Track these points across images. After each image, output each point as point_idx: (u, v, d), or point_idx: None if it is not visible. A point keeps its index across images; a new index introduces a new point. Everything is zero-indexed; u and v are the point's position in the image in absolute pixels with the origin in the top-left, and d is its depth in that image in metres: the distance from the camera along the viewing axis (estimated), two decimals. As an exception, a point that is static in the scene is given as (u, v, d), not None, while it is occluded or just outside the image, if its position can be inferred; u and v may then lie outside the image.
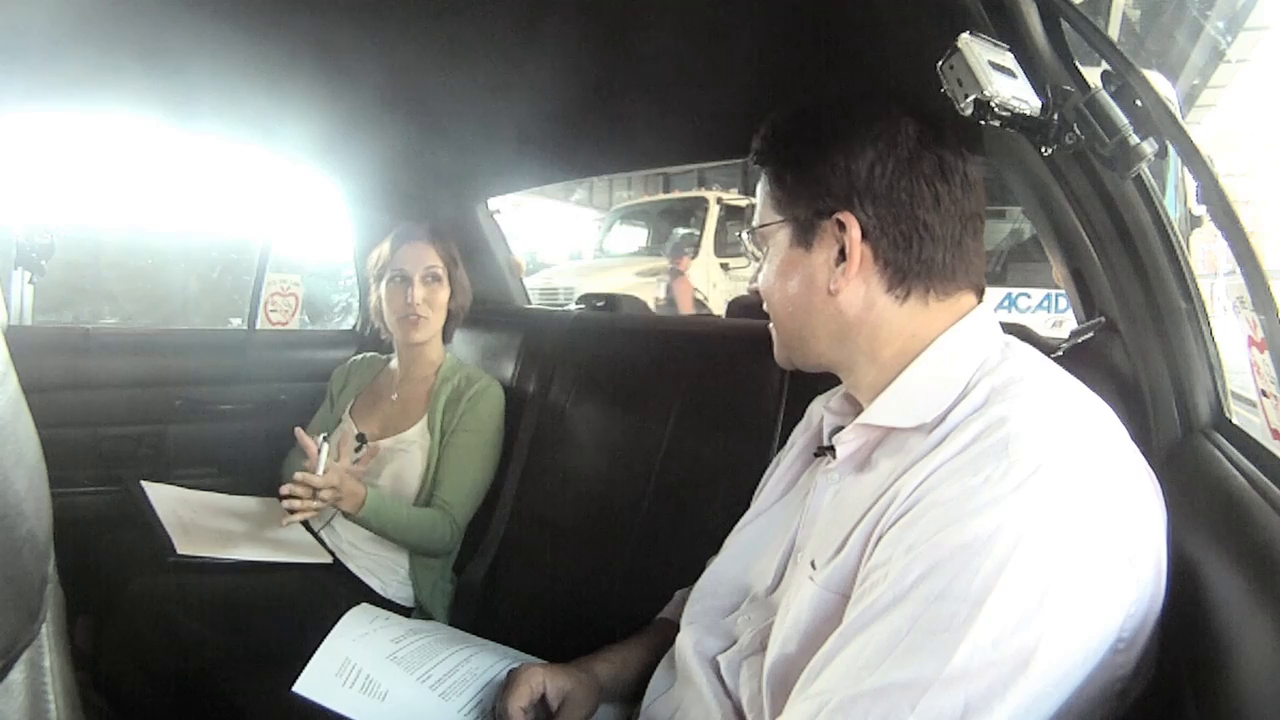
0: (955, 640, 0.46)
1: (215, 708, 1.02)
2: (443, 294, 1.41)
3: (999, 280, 4.40)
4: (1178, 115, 0.59)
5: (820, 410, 0.73)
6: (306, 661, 0.81)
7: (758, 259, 0.70)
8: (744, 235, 0.72)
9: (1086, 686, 0.48)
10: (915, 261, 0.61)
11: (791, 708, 0.51)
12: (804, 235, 0.64)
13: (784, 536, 0.70)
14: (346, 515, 1.23)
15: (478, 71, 1.24)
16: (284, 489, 1.16)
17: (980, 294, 0.65)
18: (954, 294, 0.63)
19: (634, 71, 1.20)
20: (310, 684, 0.78)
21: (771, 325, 0.70)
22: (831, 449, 0.66)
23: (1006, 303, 4.28)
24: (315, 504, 1.17)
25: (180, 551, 1.17)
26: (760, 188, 0.69)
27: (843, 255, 0.62)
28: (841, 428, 0.66)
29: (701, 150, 1.78)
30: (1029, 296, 4.21)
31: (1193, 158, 0.58)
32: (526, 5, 1.01)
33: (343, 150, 1.77)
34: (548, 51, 1.15)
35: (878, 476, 0.60)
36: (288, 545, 1.31)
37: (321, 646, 0.82)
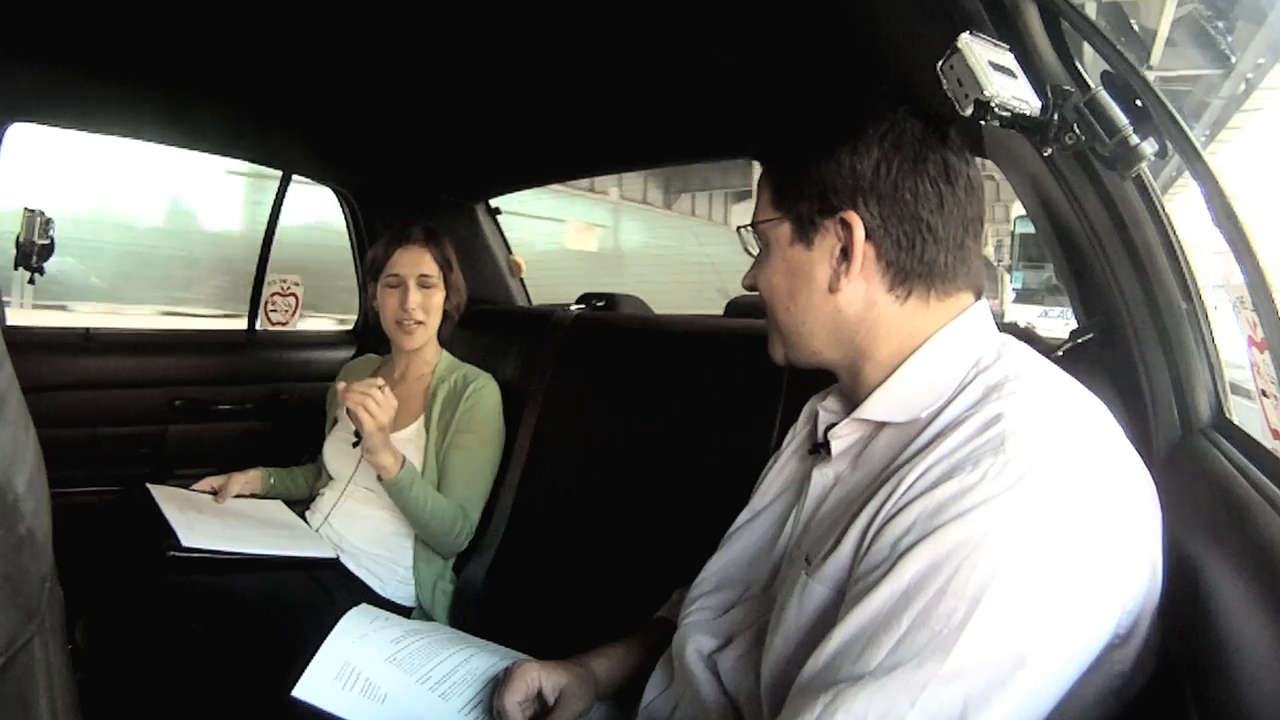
0: (953, 637, 0.46)
1: (215, 708, 1.02)
2: (437, 297, 1.41)
3: (1040, 302, 7.78)
4: (1177, 115, 0.59)
5: (815, 408, 0.73)
6: (306, 661, 0.80)
7: (753, 255, 0.70)
8: (741, 230, 0.71)
9: (1084, 682, 0.49)
10: (918, 262, 0.61)
11: (790, 704, 0.51)
12: (805, 232, 0.64)
13: (780, 534, 0.70)
14: (380, 480, 1.25)
15: (478, 72, 1.24)
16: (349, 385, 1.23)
17: (978, 295, 0.65)
18: (954, 294, 0.63)
19: (634, 71, 1.20)
20: (310, 688, 0.78)
21: (767, 322, 0.70)
22: (826, 445, 0.66)
23: (1042, 313, 7.21)
24: (368, 399, 1.20)
25: (186, 544, 1.17)
26: (760, 183, 0.69)
27: (844, 254, 0.62)
28: (836, 425, 0.67)
29: (702, 149, 1.79)
30: (1053, 310, 7.11)
31: (1194, 159, 0.58)
32: (527, 6, 1.01)
33: (343, 152, 1.77)
34: (548, 52, 1.15)
35: (872, 471, 0.61)
36: (291, 540, 1.31)
37: (321, 649, 0.82)
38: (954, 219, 0.62)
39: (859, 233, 0.61)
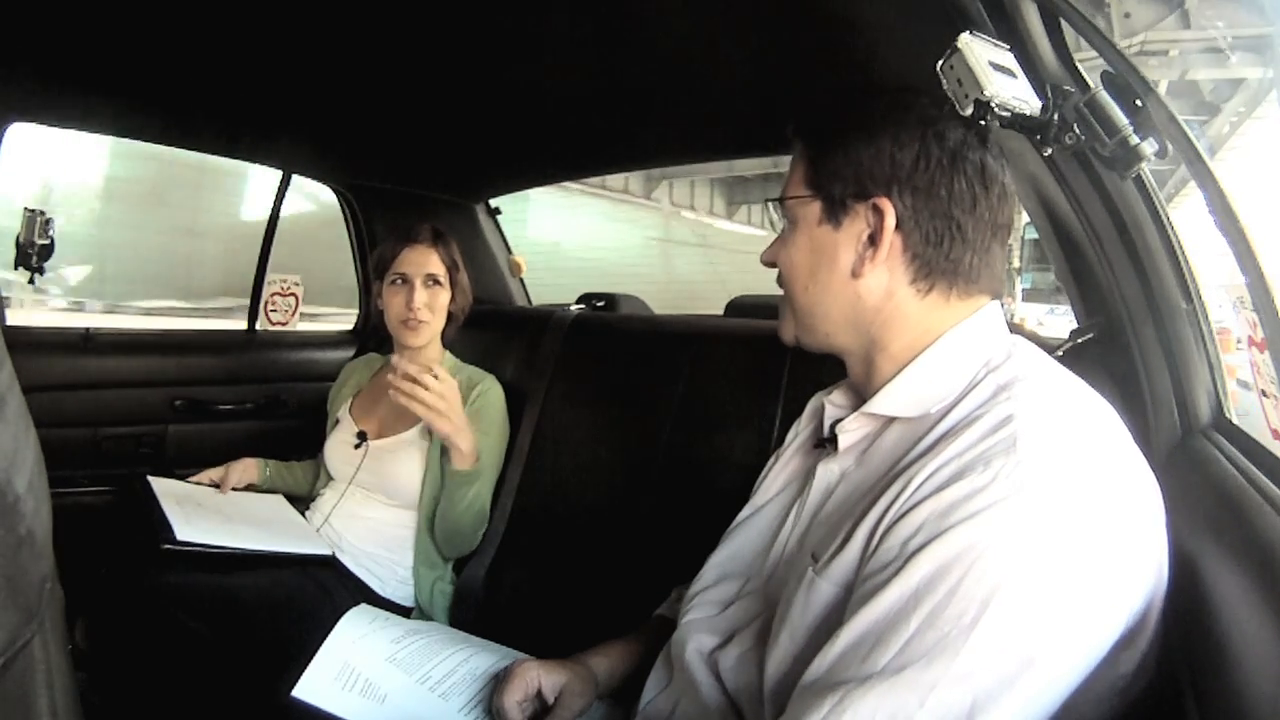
0: (962, 638, 0.46)
1: (215, 708, 1.02)
2: (443, 297, 1.41)
3: (1046, 301, 8.54)
4: (1178, 117, 0.59)
5: (821, 403, 0.73)
6: (306, 662, 0.80)
7: (776, 231, 0.70)
8: (769, 205, 0.71)
9: (1090, 683, 0.49)
10: (944, 259, 0.61)
11: (797, 705, 0.51)
12: (834, 214, 0.64)
13: (782, 530, 0.70)
14: (450, 462, 1.24)
15: (478, 71, 1.24)
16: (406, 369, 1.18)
17: (996, 298, 0.65)
18: (974, 295, 0.63)
19: (635, 71, 1.20)
20: (309, 688, 0.78)
21: (781, 300, 0.70)
22: (833, 440, 0.66)
23: (1049, 310, 8.09)
24: (418, 390, 1.16)
25: (181, 538, 1.17)
26: (795, 160, 0.68)
27: (871, 240, 0.62)
28: (844, 419, 0.66)
29: (701, 149, 1.79)
30: (1059, 308, 7.58)
31: (1195, 160, 0.58)
32: (527, 5, 1.01)
33: (343, 152, 1.77)
34: (548, 51, 1.15)
35: (879, 469, 0.60)
36: (288, 536, 1.31)
37: (320, 649, 0.82)
38: (984, 222, 0.62)
39: (890, 220, 0.61)
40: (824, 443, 0.69)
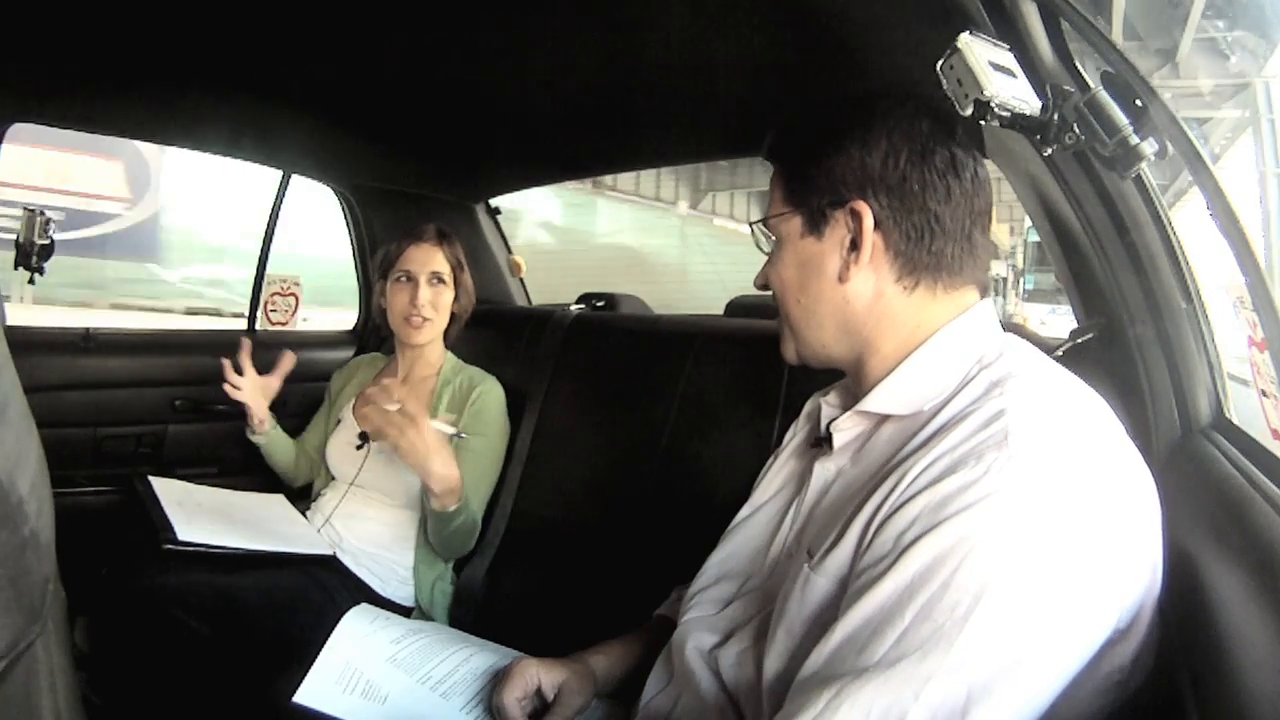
0: (957, 630, 0.46)
1: (216, 708, 1.02)
2: (447, 296, 1.41)
3: (1053, 300, 9.57)
4: (1177, 117, 0.59)
5: (817, 404, 0.74)
6: (306, 662, 0.80)
7: (765, 253, 0.71)
8: (754, 227, 0.72)
9: (1086, 676, 0.49)
10: (926, 253, 0.62)
11: (794, 700, 0.51)
12: (815, 224, 0.65)
13: (781, 528, 0.70)
14: (430, 502, 1.18)
15: (478, 71, 1.24)
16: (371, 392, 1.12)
17: (984, 290, 0.66)
18: (960, 288, 0.64)
19: (635, 71, 1.20)
20: (311, 693, 0.78)
21: (779, 320, 0.71)
22: (828, 439, 0.67)
23: (1050, 310, 9.05)
24: (389, 418, 1.09)
25: (182, 538, 1.17)
26: (772, 182, 0.70)
27: (854, 245, 0.63)
28: (838, 418, 0.67)
29: (701, 149, 1.79)
30: (1060, 308, 7.78)
31: (1194, 160, 0.58)
32: (528, 6, 1.01)
33: (343, 152, 1.77)
34: (548, 51, 1.15)
35: (873, 466, 0.61)
36: (289, 536, 1.31)
37: (321, 653, 0.82)
38: (961, 210, 0.62)
39: (868, 222, 0.62)
40: (820, 442, 0.70)
